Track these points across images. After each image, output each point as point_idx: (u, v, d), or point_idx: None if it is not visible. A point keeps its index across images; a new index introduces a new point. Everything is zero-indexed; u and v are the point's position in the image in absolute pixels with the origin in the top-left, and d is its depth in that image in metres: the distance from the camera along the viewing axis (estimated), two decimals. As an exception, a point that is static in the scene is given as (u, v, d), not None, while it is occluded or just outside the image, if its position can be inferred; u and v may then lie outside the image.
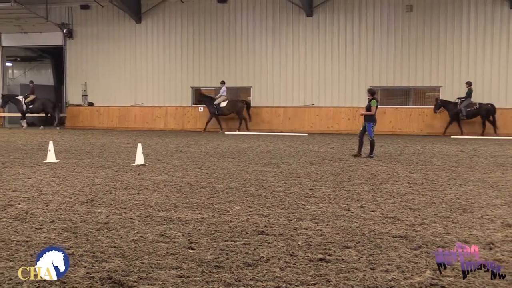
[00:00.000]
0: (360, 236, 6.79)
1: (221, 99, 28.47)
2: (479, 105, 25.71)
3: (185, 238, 6.60)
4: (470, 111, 25.64)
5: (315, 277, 5.26)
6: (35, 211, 8.15)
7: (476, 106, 25.59)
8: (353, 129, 27.35)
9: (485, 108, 25.68)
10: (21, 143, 20.71)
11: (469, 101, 25.69)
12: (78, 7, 31.91)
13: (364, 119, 16.10)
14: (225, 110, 28.40)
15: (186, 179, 11.46)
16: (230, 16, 29.72)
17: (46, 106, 31.19)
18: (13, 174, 12.08)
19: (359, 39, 28.02)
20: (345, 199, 9.26)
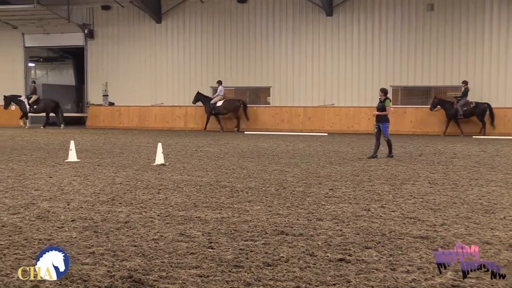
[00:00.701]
0: (381, 236, 6.75)
1: (218, 98, 28.78)
2: (476, 104, 25.61)
3: (205, 238, 6.62)
4: (467, 110, 25.56)
5: (335, 277, 5.24)
6: (57, 209, 8.22)
7: (472, 105, 25.50)
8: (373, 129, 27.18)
9: (481, 107, 25.59)
10: (43, 142, 20.93)
11: (465, 100, 25.61)
12: (99, 8, 32.15)
13: (378, 119, 15.87)
14: (221, 109, 28.66)
15: (206, 178, 11.49)
16: (250, 16, 29.72)
17: (49, 106, 31.26)
18: (35, 173, 12.21)
19: (379, 39, 27.85)
20: (365, 199, 9.21)
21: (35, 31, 33.22)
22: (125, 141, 21.58)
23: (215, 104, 28.70)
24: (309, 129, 28.22)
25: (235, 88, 30.75)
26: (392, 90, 27.85)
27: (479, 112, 25.55)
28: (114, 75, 32.11)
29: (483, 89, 26.26)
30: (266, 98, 30.16)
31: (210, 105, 28.73)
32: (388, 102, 15.80)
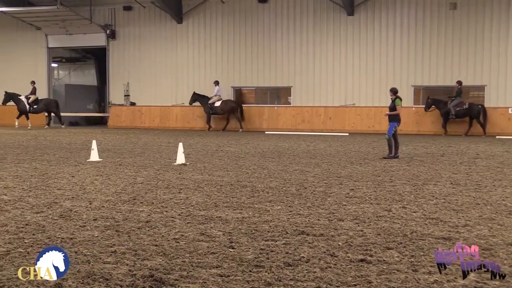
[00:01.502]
0: (402, 237, 6.71)
1: (215, 98, 29.21)
2: (469, 105, 25.62)
3: (226, 237, 6.63)
4: (460, 111, 25.59)
5: (356, 278, 5.21)
6: (79, 209, 8.30)
7: (465, 106, 25.53)
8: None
9: (475, 108, 25.59)
10: (65, 142, 21.13)
11: (459, 100, 25.66)
12: (121, 8, 32.38)
13: (389, 119, 15.76)
14: (219, 109, 29.14)
15: (226, 178, 11.51)
16: (271, 16, 29.70)
17: (49, 106, 31.28)
18: (58, 172, 12.33)
19: (401, 38, 27.65)
20: (387, 200, 9.16)
21: (58, 32, 33.57)
22: (146, 141, 21.70)
23: (213, 104, 29.18)
24: (330, 129, 28.13)
25: (255, 88, 30.77)
26: (414, 90, 27.68)
27: (472, 113, 25.62)
28: (135, 75, 32.31)
29: (507, 90, 25.93)
30: (287, 98, 30.14)
31: (208, 105, 29.21)
32: (398, 102, 15.58)
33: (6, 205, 8.57)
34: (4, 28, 34.27)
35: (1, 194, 9.49)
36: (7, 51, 34.67)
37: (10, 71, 34.44)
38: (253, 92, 31.29)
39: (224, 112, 29.20)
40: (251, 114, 30.00)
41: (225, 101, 29.27)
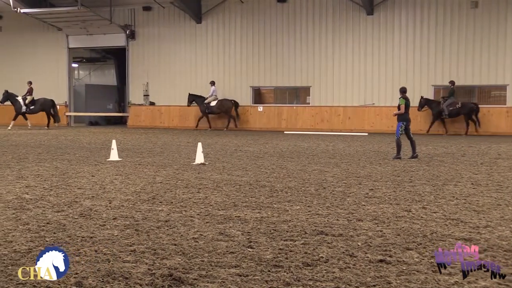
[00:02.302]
0: (422, 237, 6.66)
1: (211, 98, 29.75)
2: (462, 104, 25.83)
3: (245, 237, 6.63)
4: (453, 110, 25.81)
5: (375, 278, 5.18)
6: (99, 208, 8.36)
7: (458, 105, 25.74)
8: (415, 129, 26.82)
9: (468, 107, 25.76)
10: (85, 141, 21.30)
11: (452, 100, 25.88)
12: (140, 9, 32.56)
13: (397, 118, 15.62)
14: (215, 109, 29.73)
15: (245, 178, 11.51)
16: (290, 16, 29.67)
17: (45, 106, 31.04)
18: (78, 172, 12.43)
19: (421, 37, 27.44)
20: (406, 200, 9.10)
21: (79, 32, 33.86)
22: (165, 141, 21.80)
23: (209, 104, 29.67)
24: (349, 129, 28.02)
25: (274, 88, 30.75)
26: (434, 90, 27.46)
27: (465, 112, 25.84)
28: (154, 75, 32.47)
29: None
30: (306, 98, 30.07)
31: (204, 104, 29.71)
32: (402, 101, 15.42)
33: (27, 203, 8.66)
34: (26, 29, 34.65)
35: (23, 193, 9.60)
36: (29, 52, 35.05)
37: (32, 71, 34.78)
38: (272, 92, 31.28)
39: (221, 111, 29.73)
40: (270, 114, 30.00)
41: (221, 100, 29.80)
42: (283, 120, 29.76)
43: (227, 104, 29.62)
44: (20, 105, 30.09)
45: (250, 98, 30.66)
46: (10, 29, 35.34)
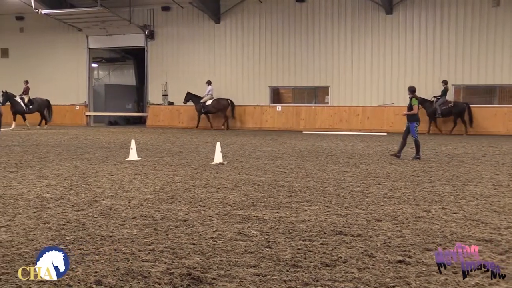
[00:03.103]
0: (442, 238, 6.60)
1: (207, 98, 30.18)
2: (454, 103, 26.02)
3: (263, 237, 6.63)
4: (445, 109, 26.05)
5: (394, 279, 5.15)
6: (118, 207, 8.41)
7: (450, 105, 25.98)
8: (435, 129, 26.65)
9: (460, 106, 25.95)
10: (105, 141, 21.45)
11: (444, 99, 26.10)
12: (159, 9, 32.71)
13: (407, 119, 15.47)
14: (211, 108, 30.12)
15: (264, 178, 11.51)
16: (309, 15, 29.60)
17: (42, 105, 30.70)
18: (98, 171, 12.52)
19: (440, 36, 27.22)
20: (426, 200, 9.03)
21: (98, 33, 34.11)
22: (184, 140, 21.87)
23: (205, 103, 30.09)
24: (368, 128, 27.90)
25: (293, 87, 30.70)
26: (454, 89, 27.23)
27: (457, 111, 26.01)
28: (173, 75, 32.60)
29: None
30: (324, 97, 29.98)
31: (200, 104, 30.08)
32: (415, 101, 15.25)
33: (48, 202, 8.74)
34: (47, 30, 35.00)
35: (43, 192, 9.69)
36: (49, 52, 35.40)
37: (52, 71, 35.17)
38: (291, 91, 31.24)
39: (217, 110, 30.14)
40: (288, 114, 29.98)
41: (217, 100, 30.19)
42: (301, 120, 29.71)
43: (223, 103, 30.06)
44: (21, 106, 29.71)
45: (268, 98, 30.65)
46: (32, 30, 35.72)
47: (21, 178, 11.42)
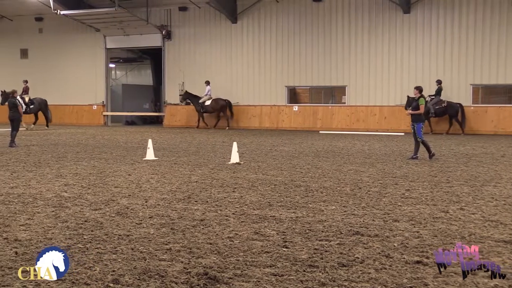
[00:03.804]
0: (460, 239, 6.55)
1: (206, 98, 30.54)
2: (447, 103, 25.90)
3: (280, 237, 6.63)
4: (439, 109, 26.02)
5: (412, 280, 5.12)
6: (135, 206, 8.45)
7: (444, 104, 25.95)
8: (453, 129, 26.44)
9: (453, 107, 25.88)
10: (122, 141, 21.57)
11: (438, 99, 26.11)
12: (176, 9, 32.80)
13: (412, 119, 15.27)
14: (210, 108, 30.47)
15: (280, 178, 11.50)
16: (326, 15, 29.50)
17: (42, 105, 30.07)
18: (115, 170, 12.60)
19: (459, 35, 26.98)
20: (443, 201, 8.97)
21: (116, 33, 34.30)
22: (200, 140, 21.93)
23: (203, 103, 30.48)
24: (385, 128, 27.75)
25: (310, 87, 30.64)
26: (472, 89, 26.99)
27: (451, 111, 25.91)
28: (190, 74, 32.66)
29: None
30: (341, 97, 29.88)
31: (199, 104, 30.52)
32: (422, 101, 15.02)
33: (66, 201, 8.82)
34: (66, 31, 35.26)
35: (61, 191, 9.78)
36: (68, 52, 35.68)
37: (70, 71, 35.45)
38: (307, 91, 31.17)
39: (215, 110, 30.50)
40: (305, 113, 29.92)
41: (216, 100, 30.52)
42: (318, 119, 29.63)
43: (221, 103, 30.40)
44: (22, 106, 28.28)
45: (285, 98, 30.60)
46: (50, 30, 36.02)
47: (40, 177, 11.53)
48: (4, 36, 37.23)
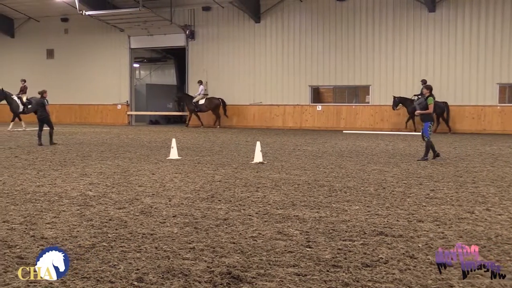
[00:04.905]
0: (486, 240, 6.47)
1: (199, 97, 31.34)
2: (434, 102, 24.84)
3: (303, 237, 6.61)
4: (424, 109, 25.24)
5: (437, 281, 5.07)
6: (159, 205, 8.50)
7: None
8: (478, 128, 26.16)
9: (438, 106, 25.49)
10: (146, 140, 21.71)
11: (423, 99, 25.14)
12: (200, 9, 32.92)
13: (421, 118, 15.04)
14: (203, 107, 31.22)
15: (304, 177, 11.48)
16: (349, 14, 29.35)
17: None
18: (139, 170, 12.68)
19: (485, 34, 26.63)
20: (469, 201, 8.86)
21: (140, 33, 34.54)
22: (224, 140, 21.97)
23: (197, 102, 31.22)
24: (409, 128, 27.52)
25: (333, 87, 30.51)
26: (499, 88, 26.63)
27: (437, 110, 25.49)
28: (213, 74, 32.77)
29: None
30: (365, 96, 29.71)
31: (193, 103, 31.19)
32: (431, 100, 14.82)
33: (91, 200, 8.90)
34: (91, 31, 35.63)
35: (86, 190, 9.87)
36: (93, 53, 36.04)
37: (95, 71, 35.80)
38: (331, 91, 31.06)
39: (209, 109, 31.16)
40: (328, 113, 29.82)
41: (210, 99, 31.18)
42: (342, 119, 29.52)
43: (215, 102, 30.99)
44: (17, 105, 27.55)
45: (308, 98, 30.52)
46: (76, 31, 36.42)
47: (65, 176, 11.65)
48: (31, 37, 37.75)
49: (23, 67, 37.76)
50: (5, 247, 6.18)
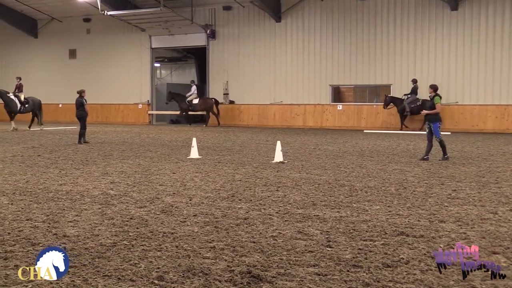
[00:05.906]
0: (509, 241, 6.39)
1: (193, 96, 32.19)
2: (422, 101, 25.76)
3: (323, 236, 6.59)
4: (414, 107, 26.56)
5: (459, 282, 5.02)
6: (180, 204, 8.53)
7: (419, 103, 26.25)
8: (501, 128, 25.86)
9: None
10: (167, 139, 21.81)
11: (413, 98, 26.75)
12: (220, 9, 32.99)
13: (428, 119, 14.77)
14: (197, 106, 32.00)
15: (324, 177, 11.45)
16: (370, 13, 29.19)
17: (36, 104, 28.23)
18: (160, 169, 12.75)
19: (509, 32, 26.28)
20: (492, 202, 8.76)
21: (161, 33, 34.72)
22: (244, 139, 21.99)
23: (191, 101, 32.03)
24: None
25: (354, 86, 30.38)
26: (523, 87, 26.31)
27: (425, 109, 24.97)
28: (234, 74, 32.82)
29: None
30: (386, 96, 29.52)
31: (187, 102, 32.02)
32: (438, 99, 14.66)
33: (112, 199, 8.97)
34: (112, 31, 35.92)
35: (108, 189, 9.95)
36: (114, 52, 36.32)
37: (117, 71, 36.08)
38: (352, 90, 30.92)
39: (203, 108, 31.88)
40: (349, 112, 29.70)
41: (203, 98, 31.89)
42: (362, 118, 29.38)
43: (209, 102, 31.66)
44: (15, 104, 26.97)
45: (329, 97, 30.42)
46: (98, 31, 36.74)
47: (87, 175, 11.76)
48: (54, 37, 38.18)
49: (46, 67, 38.25)
50: (28, 244, 6.26)
